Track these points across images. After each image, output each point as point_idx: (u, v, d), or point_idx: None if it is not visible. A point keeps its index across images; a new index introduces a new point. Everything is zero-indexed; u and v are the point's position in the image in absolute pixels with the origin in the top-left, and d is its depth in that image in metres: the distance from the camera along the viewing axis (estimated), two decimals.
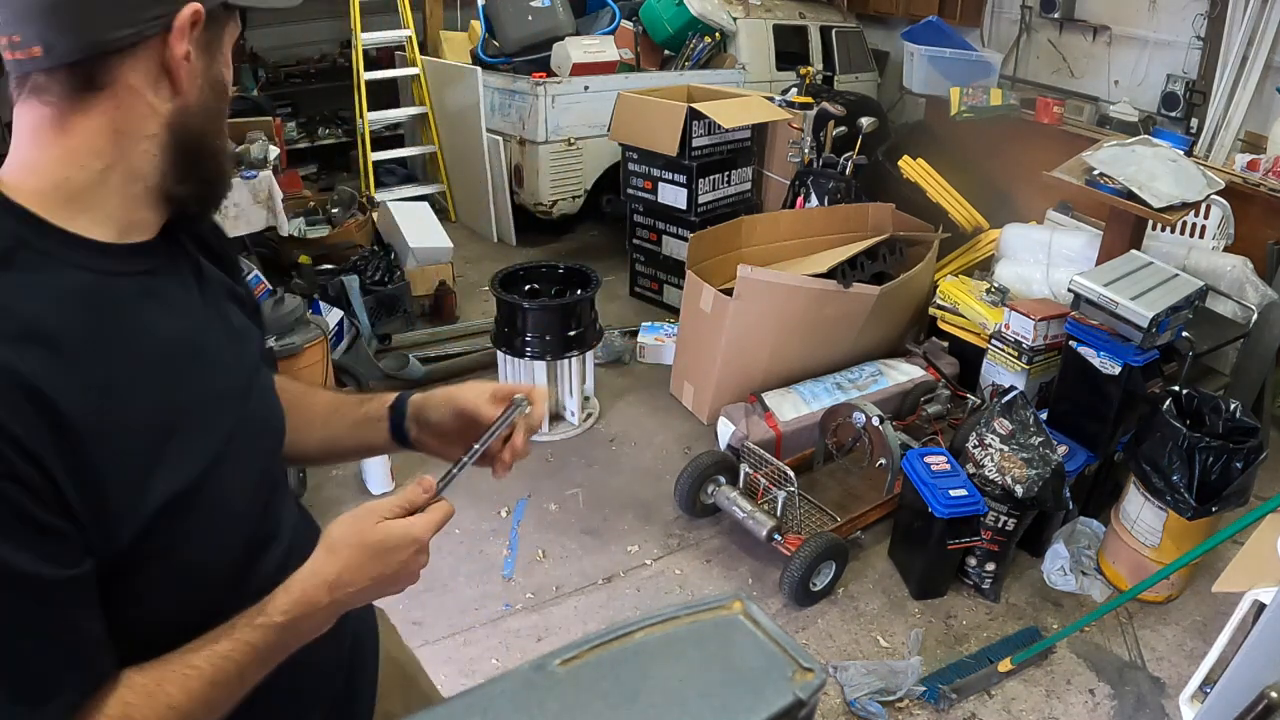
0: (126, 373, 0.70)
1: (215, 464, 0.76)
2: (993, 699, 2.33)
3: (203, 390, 0.77)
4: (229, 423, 0.79)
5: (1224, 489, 2.37)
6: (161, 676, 0.71)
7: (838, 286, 3.32)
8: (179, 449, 0.72)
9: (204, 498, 0.74)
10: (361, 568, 0.78)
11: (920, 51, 5.70)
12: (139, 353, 0.72)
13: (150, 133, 0.72)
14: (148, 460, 0.70)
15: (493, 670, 2.39)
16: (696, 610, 0.68)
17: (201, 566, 0.77)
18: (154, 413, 0.71)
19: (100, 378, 0.68)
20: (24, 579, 0.62)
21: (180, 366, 0.76)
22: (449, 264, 4.61)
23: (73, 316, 0.68)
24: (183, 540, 0.73)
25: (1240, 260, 3.54)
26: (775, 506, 2.75)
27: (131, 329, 0.72)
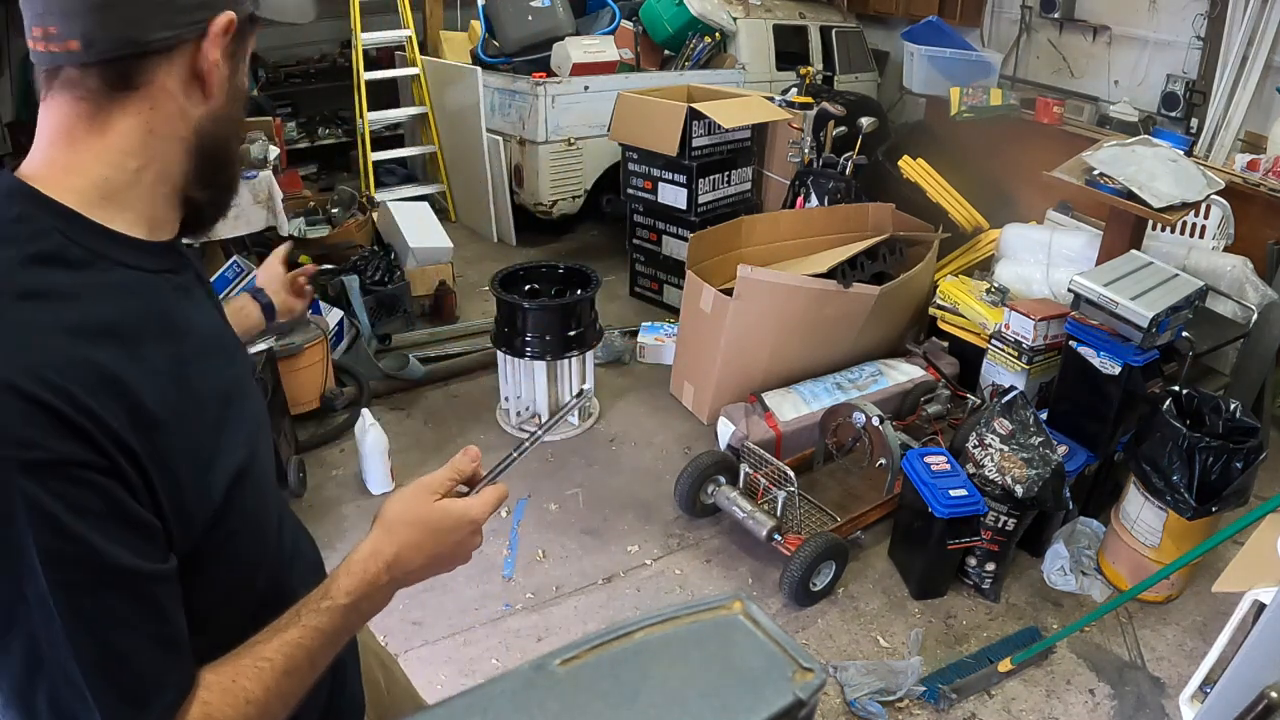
0: (181, 363, 0.71)
1: (254, 443, 0.80)
2: (993, 699, 2.33)
3: (232, 378, 0.80)
4: (253, 406, 0.83)
5: (1224, 489, 2.37)
6: (236, 672, 0.70)
7: (838, 286, 3.32)
8: (231, 431, 0.75)
9: (252, 476, 0.77)
10: (419, 546, 0.80)
11: (920, 51, 5.70)
12: (186, 344, 0.74)
13: (180, 135, 0.73)
14: (212, 444, 0.72)
15: (493, 670, 2.39)
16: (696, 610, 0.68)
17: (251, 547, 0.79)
18: (208, 399, 0.74)
19: (164, 368, 0.69)
20: (126, 574, 0.61)
21: (215, 357, 0.78)
22: (449, 264, 4.61)
23: (131, 310, 0.69)
24: (240, 523, 0.75)
25: (1240, 260, 3.54)
26: (775, 506, 2.75)
27: (175, 322, 0.74)
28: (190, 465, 0.68)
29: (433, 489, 0.83)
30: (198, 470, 0.70)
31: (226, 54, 0.74)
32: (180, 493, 0.67)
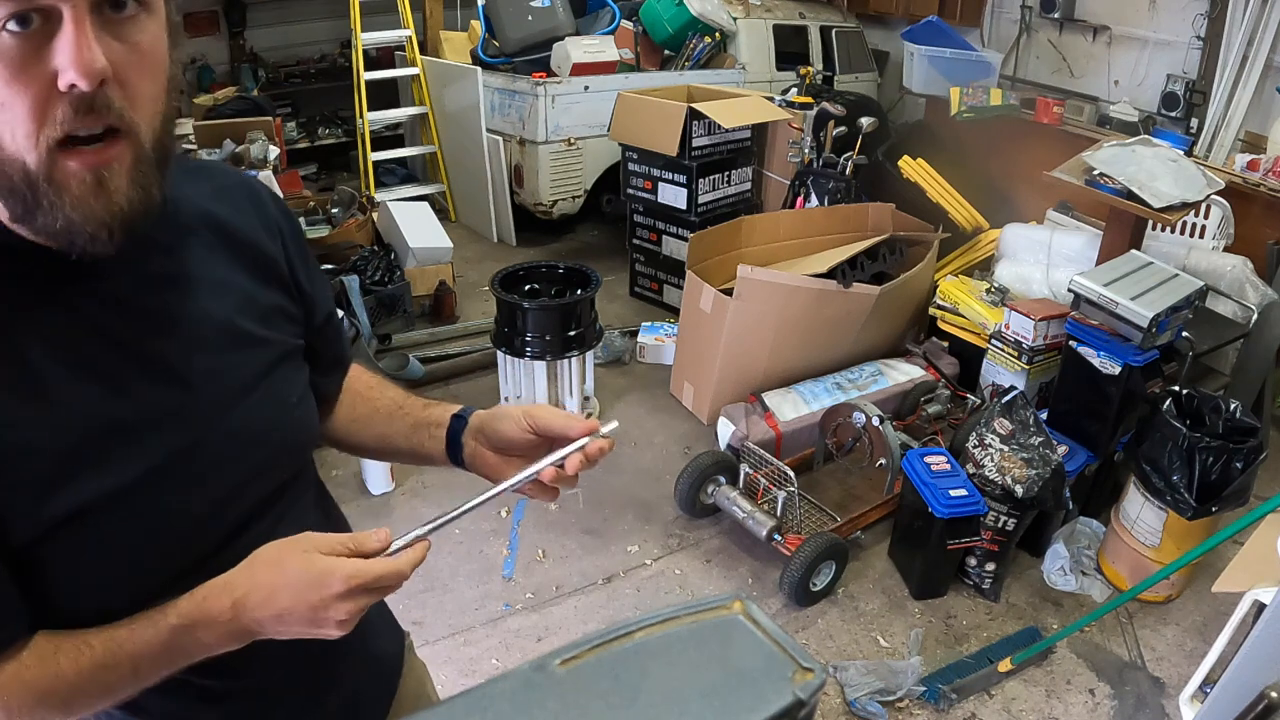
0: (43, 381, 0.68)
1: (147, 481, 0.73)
2: (993, 699, 2.33)
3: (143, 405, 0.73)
4: (180, 439, 0.75)
5: (1224, 489, 2.37)
6: (59, 646, 0.70)
7: (838, 286, 3.32)
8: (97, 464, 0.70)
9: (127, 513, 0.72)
10: (272, 595, 0.72)
11: (920, 51, 5.70)
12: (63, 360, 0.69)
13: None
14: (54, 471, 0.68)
15: (493, 670, 2.39)
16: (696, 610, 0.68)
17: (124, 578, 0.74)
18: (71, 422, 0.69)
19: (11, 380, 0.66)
20: None
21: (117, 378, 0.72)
22: (449, 264, 4.61)
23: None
24: (97, 551, 0.71)
25: (1240, 260, 3.54)
26: (775, 506, 2.75)
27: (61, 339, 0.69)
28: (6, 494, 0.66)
29: (313, 543, 0.74)
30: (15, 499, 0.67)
31: None
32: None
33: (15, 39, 0.58)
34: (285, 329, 0.88)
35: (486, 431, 0.94)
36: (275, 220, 0.88)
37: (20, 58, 0.59)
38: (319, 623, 0.73)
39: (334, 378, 1.03)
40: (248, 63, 6.79)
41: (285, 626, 0.73)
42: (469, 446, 0.96)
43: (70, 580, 0.72)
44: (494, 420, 0.94)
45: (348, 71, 5.91)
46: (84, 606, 0.73)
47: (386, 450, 1.06)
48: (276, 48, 7.03)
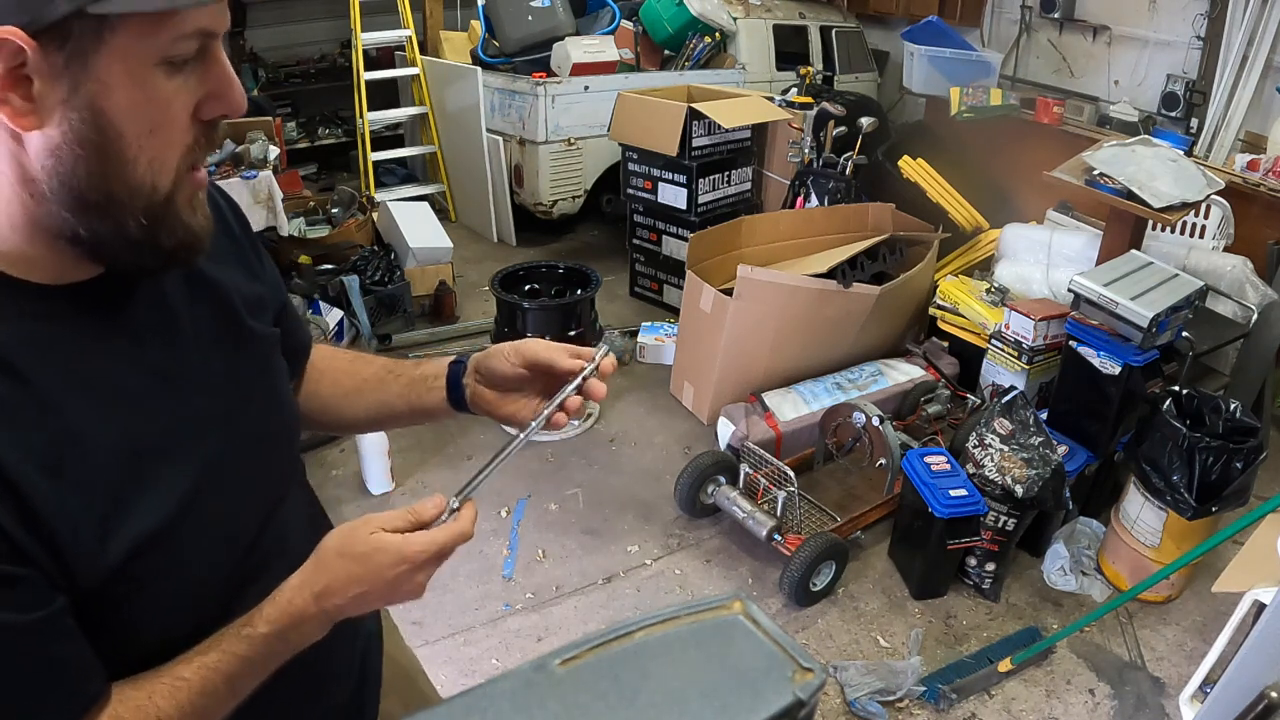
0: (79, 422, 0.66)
1: (192, 495, 0.73)
2: (993, 699, 2.33)
3: (174, 421, 0.73)
4: (212, 447, 0.76)
5: (1224, 489, 2.37)
6: (151, 690, 0.70)
7: (838, 286, 3.32)
8: (147, 490, 0.69)
9: (185, 531, 0.72)
10: (349, 581, 0.75)
11: (920, 51, 5.70)
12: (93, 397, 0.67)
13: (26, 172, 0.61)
14: (109, 509, 0.66)
15: (493, 670, 2.39)
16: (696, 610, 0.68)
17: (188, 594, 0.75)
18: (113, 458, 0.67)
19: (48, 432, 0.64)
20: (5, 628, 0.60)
21: (145, 401, 0.71)
22: (449, 264, 4.61)
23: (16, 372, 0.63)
24: (164, 575, 0.71)
25: (1240, 260, 3.54)
26: (775, 506, 2.75)
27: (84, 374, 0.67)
28: (73, 531, 0.64)
29: (376, 523, 0.77)
30: (84, 535, 0.65)
31: (50, 75, 0.57)
32: (58, 552, 0.63)
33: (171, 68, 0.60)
34: (267, 320, 0.89)
35: (482, 370, 0.97)
36: (230, 213, 0.89)
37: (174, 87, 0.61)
38: (398, 595, 0.77)
39: (298, 364, 1.03)
40: (248, 62, 6.79)
41: (369, 603, 0.76)
42: (469, 388, 0.98)
43: (142, 614, 0.71)
44: (487, 359, 0.97)
45: (348, 71, 5.91)
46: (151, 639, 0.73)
47: (384, 417, 1.07)
48: (276, 48, 7.04)
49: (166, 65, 0.60)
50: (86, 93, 0.59)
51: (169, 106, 0.62)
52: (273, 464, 0.87)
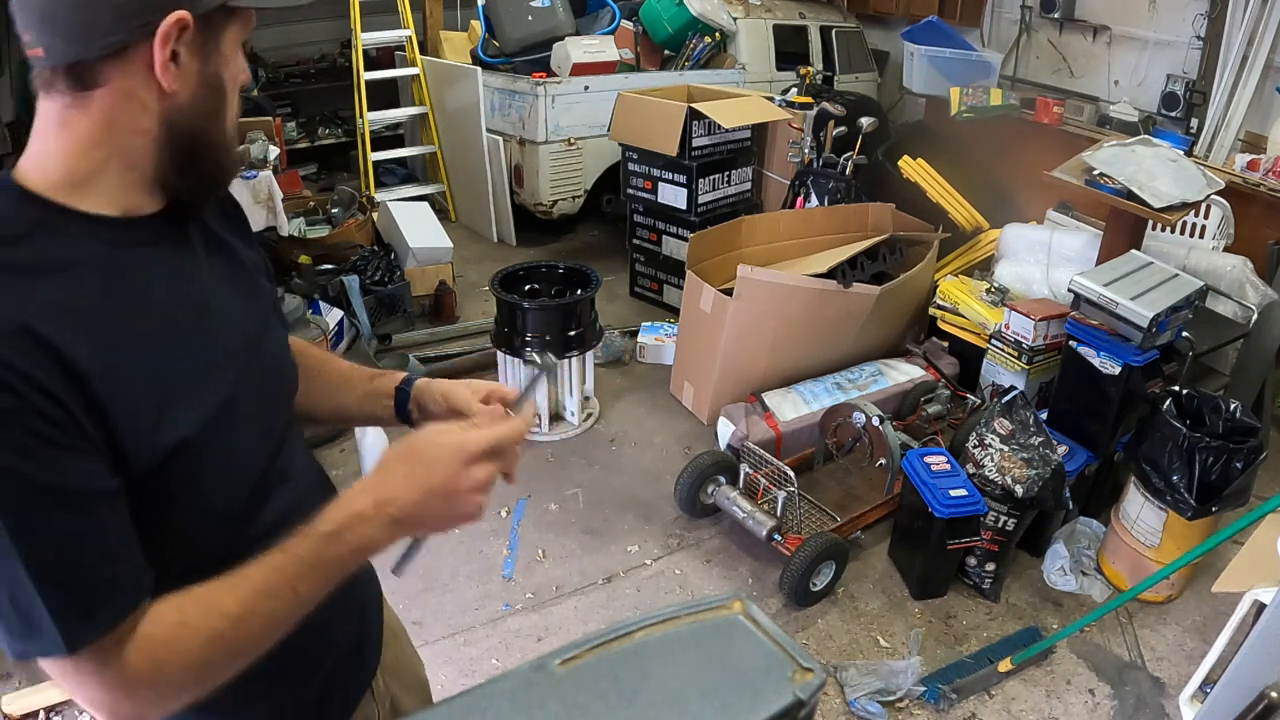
0: (134, 332, 0.77)
1: (223, 412, 0.82)
2: (993, 699, 2.33)
3: (208, 347, 0.84)
4: (234, 375, 0.85)
5: (1224, 489, 2.37)
6: (218, 587, 0.77)
7: (838, 286, 3.32)
8: (186, 400, 0.79)
9: (214, 441, 0.81)
10: (409, 478, 0.81)
11: (920, 51, 5.70)
12: (146, 314, 0.79)
13: (144, 128, 0.78)
14: (157, 408, 0.77)
15: (493, 670, 2.39)
16: (696, 610, 0.68)
17: (214, 501, 0.83)
18: (161, 367, 0.78)
19: (110, 336, 0.75)
20: (62, 494, 0.70)
21: (186, 326, 0.82)
22: (449, 264, 4.61)
23: (86, 283, 0.75)
24: (196, 478, 0.80)
25: (1240, 260, 3.54)
26: (775, 506, 2.75)
27: (140, 293, 0.79)
28: (129, 422, 0.74)
29: (437, 428, 0.85)
30: (137, 427, 0.75)
31: (193, 49, 0.77)
32: (114, 437, 0.73)
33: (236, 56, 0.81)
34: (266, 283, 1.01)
35: (420, 407, 1.09)
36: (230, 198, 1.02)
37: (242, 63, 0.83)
38: (458, 495, 0.82)
39: None
40: (248, 62, 6.78)
41: (427, 510, 0.82)
42: (414, 414, 1.10)
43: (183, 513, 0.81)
44: (421, 397, 1.09)
45: (348, 71, 5.91)
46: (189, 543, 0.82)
47: (341, 418, 1.18)
48: (276, 47, 7.03)
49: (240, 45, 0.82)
50: (214, 64, 0.79)
51: (240, 74, 0.83)
52: (279, 400, 0.97)
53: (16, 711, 2.17)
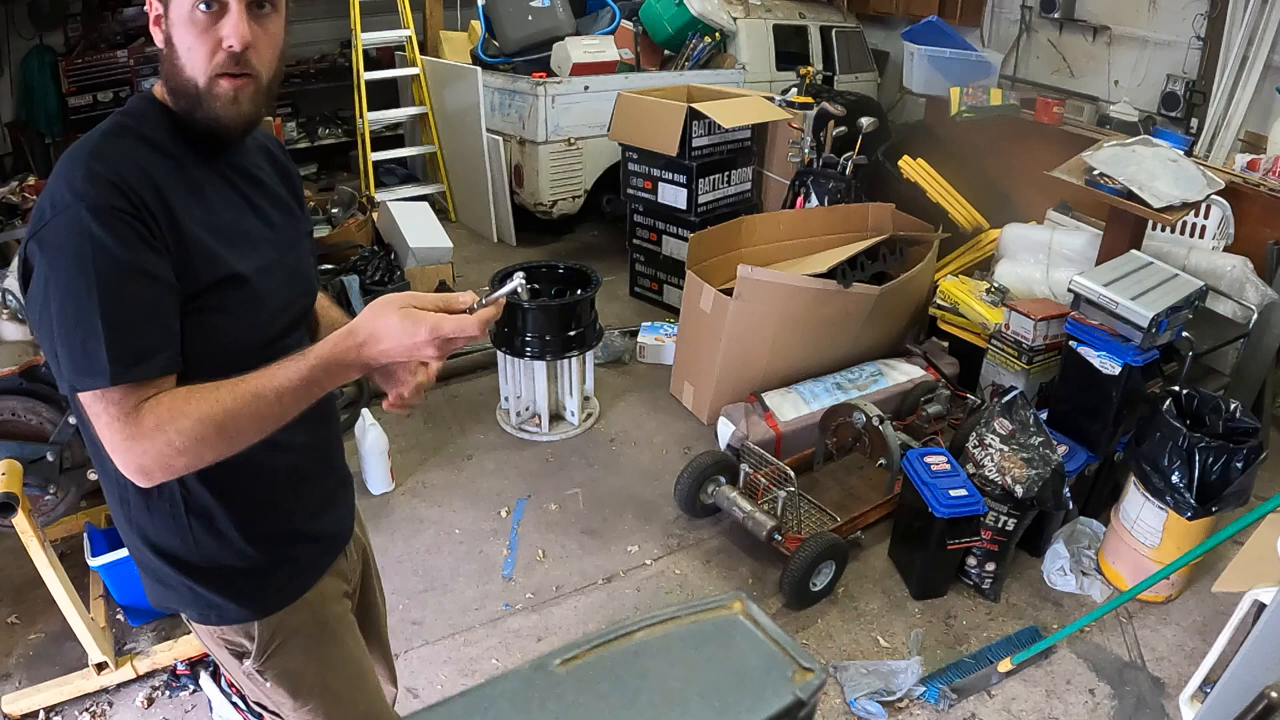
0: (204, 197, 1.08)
1: (258, 273, 1.11)
2: (993, 699, 2.33)
3: (250, 229, 1.15)
4: (269, 254, 1.15)
5: (1224, 489, 2.37)
6: (221, 384, 0.99)
7: (838, 286, 3.32)
8: (233, 252, 1.09)
9: (249, 288, 1.09)
10: (379, 336, 1.00)
11: (920, 51, 5.70)
12: (225, 193, 1.13)
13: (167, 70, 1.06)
14: (215, 249, 1.06)
15: (493, 670, 2.39)
16: (696, 610, 0.68)
17: (236, 334, 1.09)
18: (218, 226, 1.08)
19: (190, 194, 1.06)
20: (142, 273, 0.98)
21: (237, 206, 1.14)
22: (449, 264, 4.61)
23: (189, 159, 1.09)
24: (228, 308, 1.08)
25: (1240, 260, 3.54)
26: (775, 506, 2.75)
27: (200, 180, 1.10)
28: (197, 244, 1.04)
29: (412, 299, 1.01)
30: (203, 252, 1.04)
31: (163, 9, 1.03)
32: (185, 253, 1.02)
33: (203, 14, 1.01)
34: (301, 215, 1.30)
35: None
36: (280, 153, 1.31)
37: (203, 25, 1.02)
38: (416, 356, 1.02)
39: None
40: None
41: (391, 357, 1.02)
42: None
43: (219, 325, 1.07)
44: None
45: (348, 71, 5.90)
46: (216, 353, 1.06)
47: None
48: None
49: (201, 8, 1.01)
50: (168, 21, 1.03)
51: (198, 33, 1.02)
52: (300, 296, 1.24)
53: (16, 711, 2.17)
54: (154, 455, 0.97)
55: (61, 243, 0.96)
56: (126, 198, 0.97)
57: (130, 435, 0.96)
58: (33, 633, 2.45)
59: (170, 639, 2.36)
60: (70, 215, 0.95)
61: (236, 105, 1.06)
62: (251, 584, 1.22)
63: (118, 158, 1.01)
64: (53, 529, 2.63)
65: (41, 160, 6.33)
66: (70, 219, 0.95)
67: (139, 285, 0.97)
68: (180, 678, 2.28)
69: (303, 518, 1.28)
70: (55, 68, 6.23)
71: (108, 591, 2.45)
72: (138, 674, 2.27)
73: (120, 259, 0.96)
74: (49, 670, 2.29)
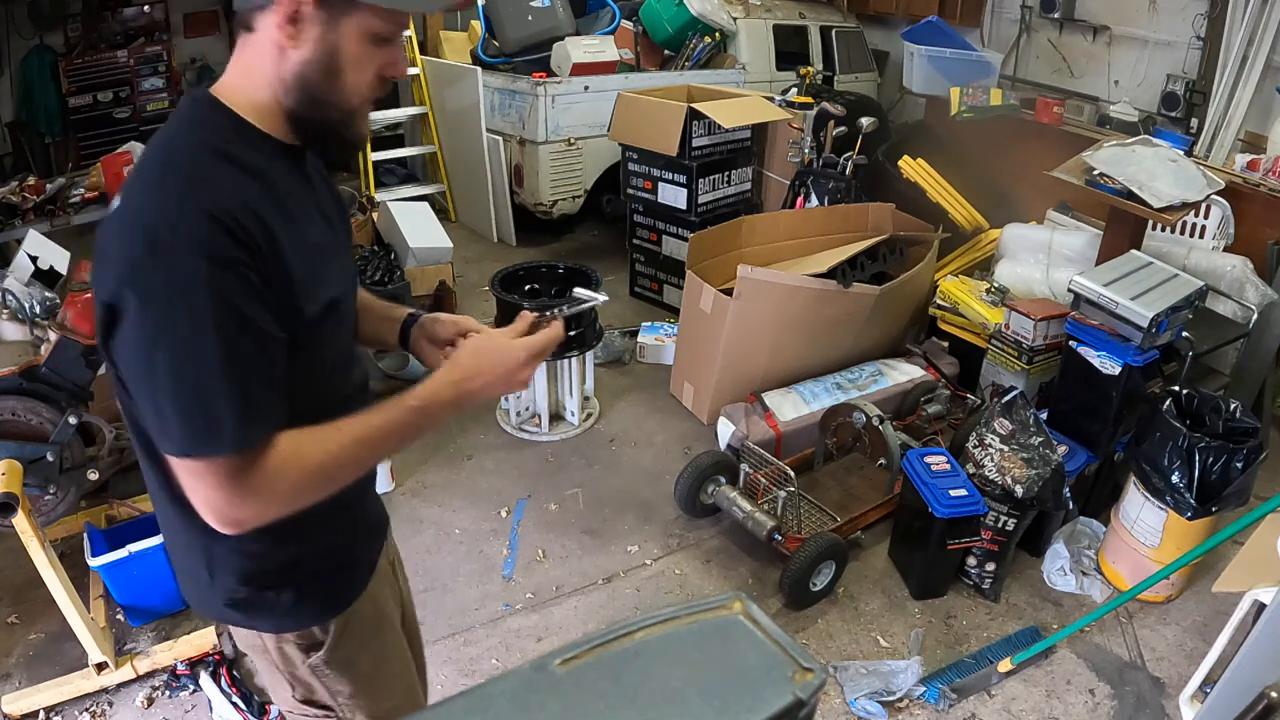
0: (290, 216, 1.02)
1: (346, 291, 1.12)
2: (993, 699, 2.33)
3: (332, 243, 1.13)
4: (344, 262, 1.16)
5: (1224, 489, 2.37)
6: (325, 429, 1.00)
7: (838, 286, 3.32)
8: (328, 274, 1.07)
9: (340, 309, 1.10)
10: (478, 373, 1.08)
11: (920, 51, 5.70)
12: (306, 208, 1.07)
13: (279, 72, 1.00)
14: (314, 275, 1.03)
15: (493, 670, 2.39)
16: (696, 610, 0.68)
17: (329, 357, 1.10)
18: (309, 246, 1.04)
19: (286, 223, 0.99)
20: (258, 330, 0.94)
21: (315, 221, 1.09)
22: (449, 264, 4.61)
23: (275, 176, 1.02)
24: (328, 336, 1.07)
25: (1240, 260, 3.54)
26: (775, 506, 2.75)
27: (287, 196, 1.03)
28: (300, 279, 0.99)
29: (496, 334, 1.14)
30: (303, 286, 1.00)
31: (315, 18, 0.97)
32: (291, 295, 0.98)
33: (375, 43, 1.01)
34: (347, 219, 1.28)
35: (425, 332, 1.32)
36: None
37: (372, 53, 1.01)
38: (513, 384, 1.11)
39: None
40: None
41: (489, 392, 1.10)
42: (414, 336, 1.33)
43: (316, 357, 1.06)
44: (433, 325, 1.32)
45: None
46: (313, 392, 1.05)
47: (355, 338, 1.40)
48: None
49: (372, 39, 1.00)
50: (331, 39, 0.98)
51: (365, 61, 1.01)
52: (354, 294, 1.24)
53: (16, 711, 2.17)
54: (253, 513, 0.95)
55: (174, 295, 0.88)
56: (244, 245, 0.92)
57: (237, 498, 0.93)
58: (33, 633, 2.45)
59: (170, 639, 2.37)
60: (186, 265, 0.88)
61: (367, 127, 1.10)
62: (336, 580, 1.24)
63: (219, 189, 0.93)
64: (53, 529, 2.63)
65: (41, 160, 6.33)
66: (187, 270, 0.88)
67: (258, 343, 0.94)
68: (180, 678, 2.28)
69: (364, 509, 1.31)
70: (55, 68, 6.24)
71: (108, 591, 2.45)
72: (138, 674, 2.27)
73: (244, 318, 0.91)
74: (49, 670, 2.29)
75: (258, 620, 1.19)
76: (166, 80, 6.66)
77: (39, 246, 3.19)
